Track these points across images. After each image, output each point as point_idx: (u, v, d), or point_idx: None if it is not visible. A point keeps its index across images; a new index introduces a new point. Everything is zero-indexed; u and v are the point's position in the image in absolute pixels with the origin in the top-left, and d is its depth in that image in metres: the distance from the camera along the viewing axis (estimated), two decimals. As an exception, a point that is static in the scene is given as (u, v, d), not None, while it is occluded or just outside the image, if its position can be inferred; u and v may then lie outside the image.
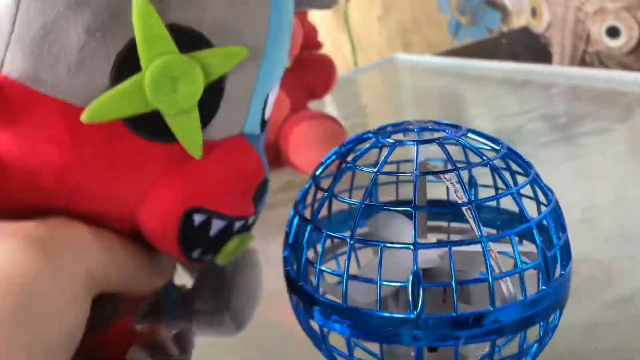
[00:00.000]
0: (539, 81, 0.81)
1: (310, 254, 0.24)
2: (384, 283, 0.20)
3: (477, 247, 0.20)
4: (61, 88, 0.19)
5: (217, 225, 0.22)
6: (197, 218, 0.22)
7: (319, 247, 0.22)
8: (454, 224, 0.29)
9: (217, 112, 0.21)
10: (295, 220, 0.24)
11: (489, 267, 0.19)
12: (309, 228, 0.23)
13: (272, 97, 0.25)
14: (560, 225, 0.23)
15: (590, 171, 0.51)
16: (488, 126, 0.68)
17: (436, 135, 0.24)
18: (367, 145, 0.24)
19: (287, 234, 0.24)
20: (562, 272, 0.22)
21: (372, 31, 2.62)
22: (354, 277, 0.20)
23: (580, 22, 1.01)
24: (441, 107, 0.84)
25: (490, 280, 0.19)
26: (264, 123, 0.25)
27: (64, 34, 0.19)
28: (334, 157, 0.25)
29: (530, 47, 1.23)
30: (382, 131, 0.25)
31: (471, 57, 1.07)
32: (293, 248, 0.24)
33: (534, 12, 1.12)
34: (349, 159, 0.24)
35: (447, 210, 0.29)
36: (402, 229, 0.24)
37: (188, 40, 0.19)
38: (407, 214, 0.24)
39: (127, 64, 0.19)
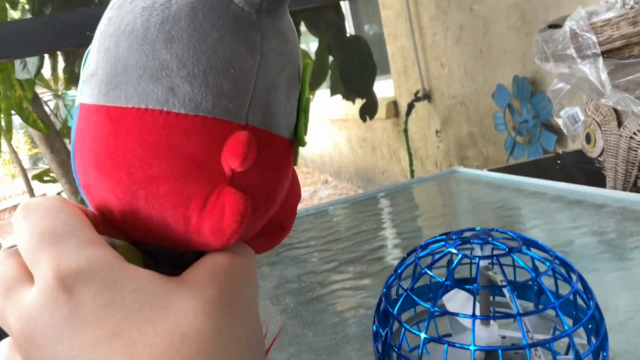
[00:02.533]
0: (591, 201, 0.88)
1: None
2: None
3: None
4: (282, 129, 0.26)
5: None
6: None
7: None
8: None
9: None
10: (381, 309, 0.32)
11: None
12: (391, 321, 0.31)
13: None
14: (595, 331, 0.29)
15: (634, 281, 0.57)
16: (542, 237, 0.75)
17: (495, 250, 0.31)
18: (438, 252, 0.32)
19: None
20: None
21: (430, 144, 2.74)
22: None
23: (633, 150, 1.08)
24: (498, 218, 0.91)
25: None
26: None
27: (279, 90, 0.25)
28: (413, 258, 0.33)
29: (584, 169, 1.29)
30: (451, 239, 0.32)
31: (527, 175, 1.12)
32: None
33: (588, 138, 1.19)
34: (424, 260, 0.32)
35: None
36: (470, 305, 0.32)
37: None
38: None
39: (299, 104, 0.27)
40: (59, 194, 2.47)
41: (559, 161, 1.39)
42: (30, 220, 0.21)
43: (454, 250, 0.31)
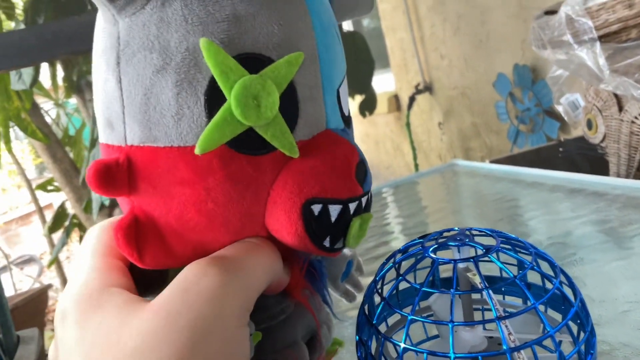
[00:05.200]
0: (590, 189, 0.87)
1: (382, 327, 0.31)
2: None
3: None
4: (173, 137, 0.23)
5: (334, 210, 0.25)
6: (315, 208, 0.24)
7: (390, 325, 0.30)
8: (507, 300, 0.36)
9: (299, 115, 0.25)
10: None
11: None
12: (382, 304, 0.30)
13: (343, 94, 0.28)
14: (582, 327, 0.28)
15: (633, 270, 0.56)
16: (541, 228, 0.74)
17: (471, 251, 0.30)
18: (416, 256, 0.31)
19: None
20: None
21: (433, 137, 2.73)
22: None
23: (635, 134, 1.07)
24: (497, 210, 0.91)
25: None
26: (346, 118, 0.28)
27: (160, 93, 0.23)
28: (390, 265, 0.32)
29: (587, 156, 1.28)
30: (428, 242, 0.31)
31: (530, 164, 1.12)
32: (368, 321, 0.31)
33: (589, 124, 1.18)
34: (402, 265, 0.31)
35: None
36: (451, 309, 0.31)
37: (254, 63, 0.23)
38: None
39: (214, 98, 0.23)
40: (63, 203, 2.48)
41: (561, 149, 1.38)
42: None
43: (432, 255, 0.30)
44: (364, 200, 0.26)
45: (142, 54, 0.23)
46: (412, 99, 2.66)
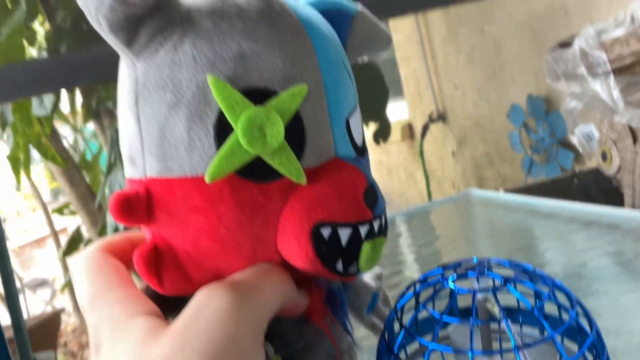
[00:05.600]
0: (606, 221, 0.87)
1: (401, 356, 0.32)
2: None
3: None
4: (186, 168, 0.24)
5: (344, 233, 0.25)
6: (325, 232, 0.25)
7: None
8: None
9: (306, 143, 0.26)
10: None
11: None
12: (402, 333, 0.30)
13: (355, 124, 0.29)
14: (598, 357, 0.29)
15: (650, 304, 0.56)
16: (557, 259, 0.75)
17: (491, 281, 0.31)
18: (437, 286, 0.31)
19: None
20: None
21: (446, 166, 2.73)
22: None
23: (649, 166, 1.07)
24: (512, 241, 0.91)
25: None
26: (359, 148, 0.29)
27: (174, 128, 0.24)
28: (410, 294, 0.32)
29: (602, 188, 1.27)
30: (447, 270, 0.32)
31: (545, 195, 1.12)
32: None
33: (604, 156, 1.18)
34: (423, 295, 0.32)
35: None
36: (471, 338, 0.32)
37: (260, 96, 0.24)
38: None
39: (223, 130, 0.24)
40: (78, 227, 2.50)
41: (575, 180, 1.38)
42: (75, 282, 0.27)
43: (451, 285, 0.31)
44: (375, 224, 0.26)
45: (157, 93, 0.25)
46: (425, 128, 2.67)
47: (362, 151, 0.29)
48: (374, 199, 0.26)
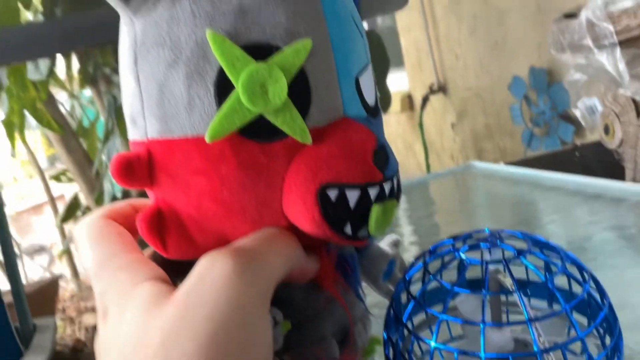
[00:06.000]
0: (610, 195, 0.87)
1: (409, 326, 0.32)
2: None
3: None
4: (186, 128, 0.24)
5: (352, 195, 0.24)
6: (331, 193, 0.24)
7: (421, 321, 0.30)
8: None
9: (311, 101, 0.24)
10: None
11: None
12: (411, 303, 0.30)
13: (366, 83, 0.27)
14: (610, 331, 0.29)
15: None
16: (560, 232, 0.74)
17: (504, 252, 0.30)
18: (447, 257, 0.31)
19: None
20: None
21: (445, 138, 2.72)
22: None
23: (652, 140, 1.06)
24: (514, 214, 0.90)
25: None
26: (370, 107, 0.28)
27: (173, 87, 0.24)
28: (420, 264, 0.32)
29: (603, 161, 1.27)
30: (458, 241, 0.31)
31: (545, 168, 1.12)
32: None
33: (606, 129, 1.17)
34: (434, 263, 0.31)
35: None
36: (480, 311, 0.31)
37: (262, 52, 0.23)
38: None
39: (223, 87, 0.23)
40: (76, 194, 2.50)
41: (577, 153, 1.38)
42: (79, 250, 0.27)
43: (463, 256, 0.30)
44: (386, 186, 0.25)
45: (156, 50, 0.24)
46: (425, 99, 2.65)
47: (374, 111, 0.28)
48: (384, 160, 0.25)
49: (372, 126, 0.27)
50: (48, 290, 2.30)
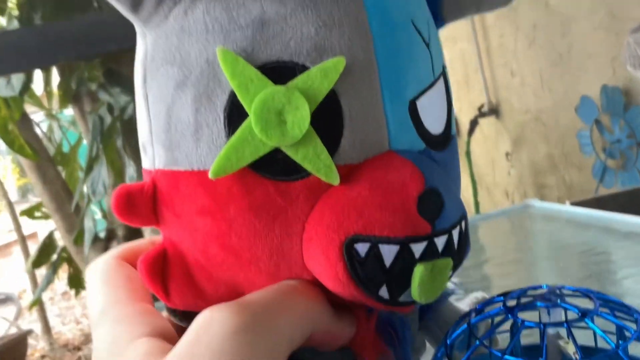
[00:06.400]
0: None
1: None
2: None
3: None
4: (192, 159, 0.24)
5: (388, 251, 0.23)
6: (361, 248, 0.23)
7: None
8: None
9: (343, 133, 0.24)
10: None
11: None
12: None
13: (427, 107, 0.26)
14: None
15: None
16: (637, 290, 0.73)
17: (567, 313, 0.30)
18: (497, 318, 0.31)
19: None
20: None
21: (498, 170, 2.72)
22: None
23: None
24: (583, 265, 0.89)
25: None
26: (433, 138, 0.27)
27: (180, 110, 0.24)
28: (464, 326, 0.31)
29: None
30: (511, 299, 0.31)
31: (621, 210, 1.10)
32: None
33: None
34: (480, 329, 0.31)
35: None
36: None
37: (283, 72, 0.23)
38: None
39: (235, 115, 0.23)
40: (51, 232, 2.52)
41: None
42: (87, 293, 0.29)
43: (516, 317, 0.30)
44: (439, 241, 0.24)
45: (165, 67, 0.24)
46: (474, 123, 2.66)
47: (437, 143, 0.27)
48: (435, 208, 0.24)
49: (427, 162, 0.26)
50: (14, 349, 2.31)
